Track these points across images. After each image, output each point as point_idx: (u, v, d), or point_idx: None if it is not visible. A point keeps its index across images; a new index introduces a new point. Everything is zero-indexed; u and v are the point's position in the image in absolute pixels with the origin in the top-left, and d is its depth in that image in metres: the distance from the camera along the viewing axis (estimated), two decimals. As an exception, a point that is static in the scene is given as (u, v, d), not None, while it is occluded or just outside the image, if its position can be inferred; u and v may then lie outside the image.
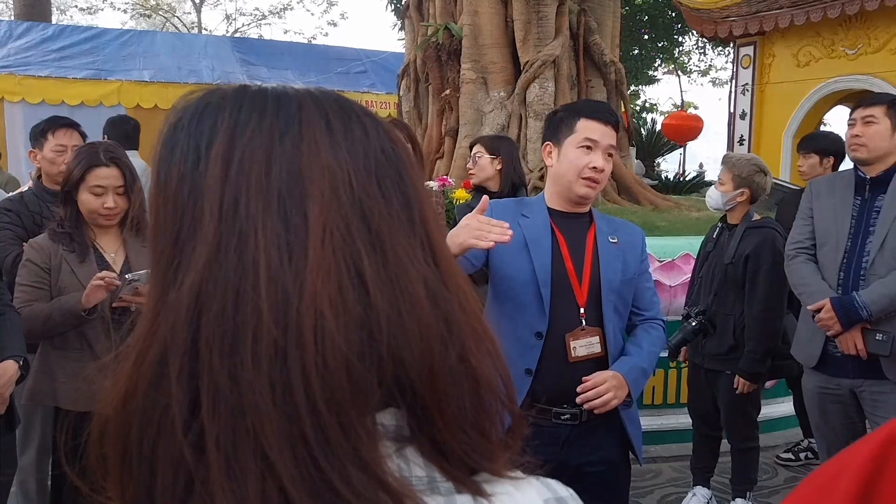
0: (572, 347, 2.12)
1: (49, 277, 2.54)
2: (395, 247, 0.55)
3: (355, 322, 0.52)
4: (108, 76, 12.09)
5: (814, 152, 4.23)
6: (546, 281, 2.16)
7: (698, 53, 22.77)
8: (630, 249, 2.26)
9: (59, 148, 3.22)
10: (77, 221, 2.58)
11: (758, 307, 3.35)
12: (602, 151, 2.18)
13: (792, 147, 9.03)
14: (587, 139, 2.17)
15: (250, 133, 0.54)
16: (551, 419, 2.16)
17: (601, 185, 2.21)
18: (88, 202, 2.53)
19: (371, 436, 0.52)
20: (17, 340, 2.34)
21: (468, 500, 0.55)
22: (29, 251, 2.58)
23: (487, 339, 0.59)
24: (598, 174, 2.17)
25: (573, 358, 2.12)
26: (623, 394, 2.11)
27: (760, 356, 3.35)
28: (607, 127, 2.19)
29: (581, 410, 2.15)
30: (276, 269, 0.51)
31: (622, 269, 2.21)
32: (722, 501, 3.75)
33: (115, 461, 0.52)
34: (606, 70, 7.23)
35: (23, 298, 2.50)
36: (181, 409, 0.49)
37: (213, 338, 0.50)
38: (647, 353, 2.24)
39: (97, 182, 2.50)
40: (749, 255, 3.38)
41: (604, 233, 2.24)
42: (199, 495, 0.48)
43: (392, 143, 0.59)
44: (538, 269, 2.16)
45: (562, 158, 2.21)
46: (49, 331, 2.48)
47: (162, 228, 0.55)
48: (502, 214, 2.27)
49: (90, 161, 2.52)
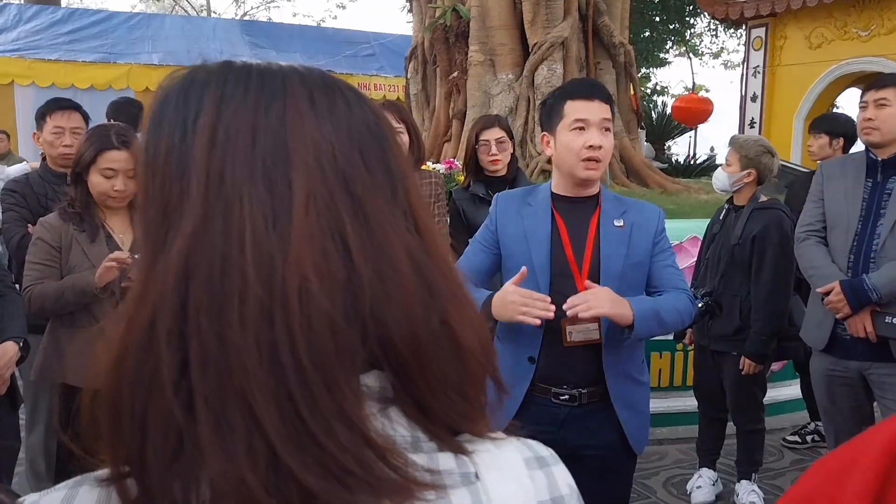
0: (568, 332, 2.09)
1: (60, 256, 2.57)
2: (378, 215, 0.57)
3: (338, 285, 0.54)
4: (118, 60, 12.12)
5: (824, 133, 4.19)
6: (544, 270, 2.14)
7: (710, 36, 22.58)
8: (640, 231, 2.19)
9: (57, 130, 3.22)
10: (87, 202, 2.61)
11: (764, 288, 3.34)
12: (596, 128, 2.12)
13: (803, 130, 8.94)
14: (577, 120, 2.12)
15: (235, 105, 0.56)
16: (550, 399, 2.16)
17: (604, 162, 2.15)
18: (99, 184, 2.56)
19: (355, 395, 0.54)
20: (18, 322, 2.37)
21: (450, 457, 0.58)
22: (39, 230, 2.60)
23: (469, 306, 0.61)
24: (597, 152, 2.12)
25: (568, 343, 2.10)
26: (620, 311, 2.01)
27: (766, 337, 3.34)
28: (594, 102, 2.14)
29: (580, 392, 2.14)
30: (262, 234, 0.52)
31: (627, 252, 2.15)
32: (728, 483, 3.75)
33: (107, 424, 0.53)
34: (615, 52, 7.18)
35: (34, 276, 2.53)
36: (171, 369, 0.51)
37: (200, 300, 0.51)
38: (665, 301, 2.13)
39: (108, 164, 2.53)
40: (756, 235, 3.36)
41: (609, 216, 2.19)
42: (188, 452, 0.50)
43: (376, 118, 0.61)
44: (535, 259, 2.14)
45: (558, 145, 2.18)
46: (60, 308, 2.51)
47: (151, 199, 0.57)
48: (507, 207, 2.28)
49: (102, 144, 2.55)
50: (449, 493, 0.56)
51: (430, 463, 0.57)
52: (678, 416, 4.40)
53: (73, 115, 3.29)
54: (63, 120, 3.24)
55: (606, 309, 2.00)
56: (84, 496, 0.55)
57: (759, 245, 3.36)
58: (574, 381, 2.15)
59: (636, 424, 2.22)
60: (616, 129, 6.98)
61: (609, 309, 2.00)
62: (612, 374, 2.16)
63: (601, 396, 2.16)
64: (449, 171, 5.28)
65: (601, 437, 2.18)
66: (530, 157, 6.63)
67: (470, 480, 0.58)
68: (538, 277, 2.12)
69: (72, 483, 0.56)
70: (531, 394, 2.17)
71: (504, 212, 2.27)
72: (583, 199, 2.22)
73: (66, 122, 3.25)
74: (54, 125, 3.23)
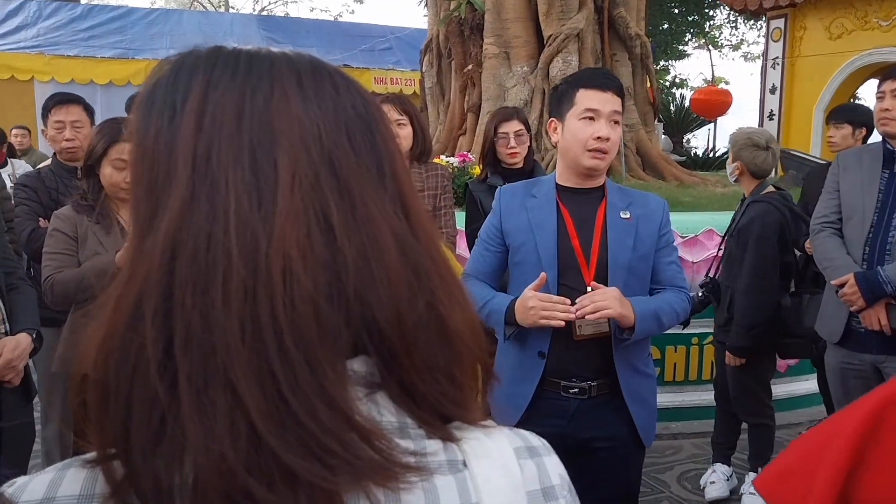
0: (577, 326, 2.08)
1: (76, 246, 2.59)
2: (364, 196, 0.57)
3: (322, 265, 0.54)
4: (136, 55, 12.21)
5: (847, 122, 4.12)
6: (551, 262, 2.12)
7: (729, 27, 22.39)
8: (645, 223, 2.18)
9: (58, 125, 3.24)
10: (99, 194, 2.62)
11: (743, 280, 3.34)
12: (605, 119, 2.10)
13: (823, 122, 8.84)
14: (587, 109, 2.11)
15: (223, 88, 0.57)
16: (560, 392, 2.15)
17: (610, 154, 2.14)
18: (111, 176, 2.58)
19: (340, 377, 0.54)
20: (31, 314, 2.39)
21: (437, 444, 0.58)
22: (55, 221, 2.63)
23: (457, 290, 0.61)
24: (604, 143, 2.10)
25: (578, 336, 2.08)
26: (624, 312, 2.02)
27: (744, 329, 3.32)
28: (607, 93, 2.12)
29: (589, 385, 2.13)
30: (246, 214, 0.53)
31: (633, 244, 2.14)
32: (742, 478, 3.73)
33: (95, 404, 0.54)
34: (632, 44, 7.13)
35: (53, 266, 2.55)
36: (155, 348, 0.51)
37: (185, 279, 0.52)
38: (663, 302, 2.15)
39: (119, 156, 2.55)
40: (741, 228, 3.38)
41: (615, 208, 2.17)
42: (171, 431, 0.50)
43: (364, 101, 0.61)
44: (541, 252, 2.13)
45: (566, 133, 2.16)
46: (82, 292, 2.51)
47: (140, 181, 0.57)
48: (511, 200, 2.26)
49: (113, 136, 2.56)
50: (434, 477, 0.56)
51: (416, 447, 0.56)
52: (693, 410, 4.37)
53: (73, 109, 3.29)
54: (62, 114, 3.25)
55: (614, 310, 2.01)
56: (71, 478, 0.55)
57: (743, 237, 3.37)
58: (583, 375, 2.14)
59: (645, 417, 2.21)
60: (632, 121, 6.95)
61: (616, 310, 2.01)
62: (622, 367, 2.15)
63: (610, 388, 2.15)
64: (463, 165, 5.28)
65: (610, 430, 2.17)
66: (546, 149, 6.61)
67: (457, 468, 0.58)
68: (546, 269, 2.10)
69: (60, 466, 0.57)
70: (541, 388, 2.16)
71: (508, 205, 2.26)
72: (588, 191, 2.21)
73: (66, 115, 3.26)
74: (55, 120, 3.24)
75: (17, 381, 2.25)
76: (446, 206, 3.33)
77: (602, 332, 2.10)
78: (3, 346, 2.20)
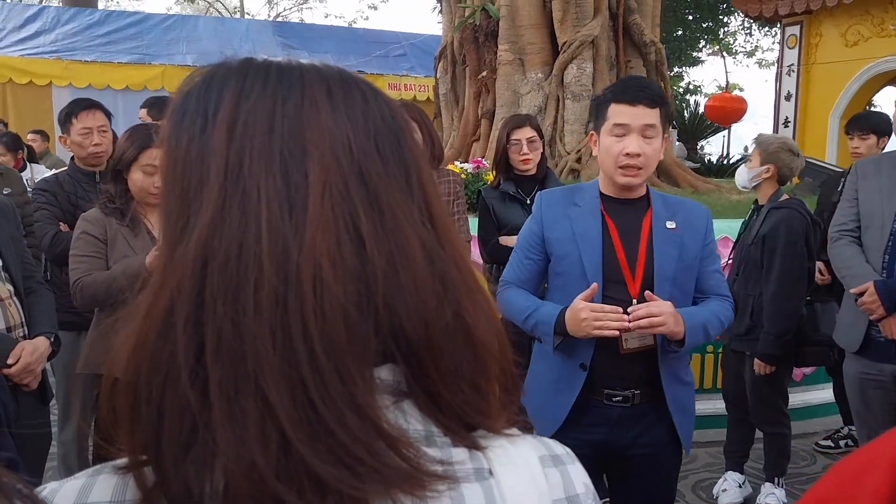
0: (624, 339, 2.04)
1: (105, 248, 2.60)
2: (392, 206, 0.57)
3: (352, 274, 0.54)
4: (153, 61, 12.32)
5: (872, 132, 4.07)
6: (597, 275, 2.08)
7: (744, 34, 22.27)
8: (690, 232, 2.14)
9: (85, 130, 3.27)
10: (127, 198, 2.65)
11: (772, 288, 3.29)
12: (637, 134, 2.05)
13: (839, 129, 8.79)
14: (616, 125, 2.07)
15: (254, 98, 0.57)
16: (602, 400, 2.13)
17: (645, 169, 2.09)
18: (140, 181, 2.60)
19: (368, 385, 0.54)
20: (49, 317, 2.41)
21: (463, 452, 0.58)
22: (83, 224, 2.64)
23: (483, 299, 0.61)
24: (635, 159, 2.06)
25: (625, 350, 2.05)
26: (677, 329, 2.00)
27: (774, 337, 3.28)
28: (637, 107, 2.06)
29: (633, 393, 2.11)
30: (277, 223, 0.53)
31: (679, 255, 2.10)
32: (757, 487, 3.69)
33: (126, 411, 0.54)
34: (646, 50, 7.11)
35: (82, 269, 2.56)
36: (187, 355, 0.52)
37: (217, 287, 0.52)
38: (710, 313, 2.12)
39: (150, 162, 2.57)
40: (766, 234, 3.33)
41: (661, 218, 2.13)
42: (202, 437, 0.51)
43: (392, 112, 0.62)
44: (587, 264, 2.09)
45: (601, 148, 2.14)
46: (112, 295, 2.50)
47: (172, 190, 0.58)
48: (552, 207, 2.22)
49: (144, 142, 2.60)
50: (461, 486, 0.56)
51: (443, 456, 0.57)
52: (708, 419, 4.33)
53: (98, 114, 3.33)
54: (90, 120, 3.29)
55: (668, 327, 1.99)
56: (102, 483, 0.56)
57: (770, 244, 3.32)
58: (626, 385, 2.12)
59: (686, 424, 2.20)
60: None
61: (670, 327, 1.99)
62: (667, 378, 2.12)
63: (651, 396, 2.13)
64: (477, 171, 5.28)
65: (651, 436, 2.15)
66: (559, 156, 6.60)
67: (483, 476, 0.58)
68: (590, 282, 2.06)
69: (91, 471, 0.58)
70: (583, 398, 2.14)
71: (550, 213, 2.21)
72: (632, 201, 2.17)
73: (93, 121, 3.30)
74: (82, 126, 3.27)
75: (34, 384, 2.27)
76: (459, 212, 3.33)
77: (648, 345, 2.07)
78: (22, 350, 2.21)
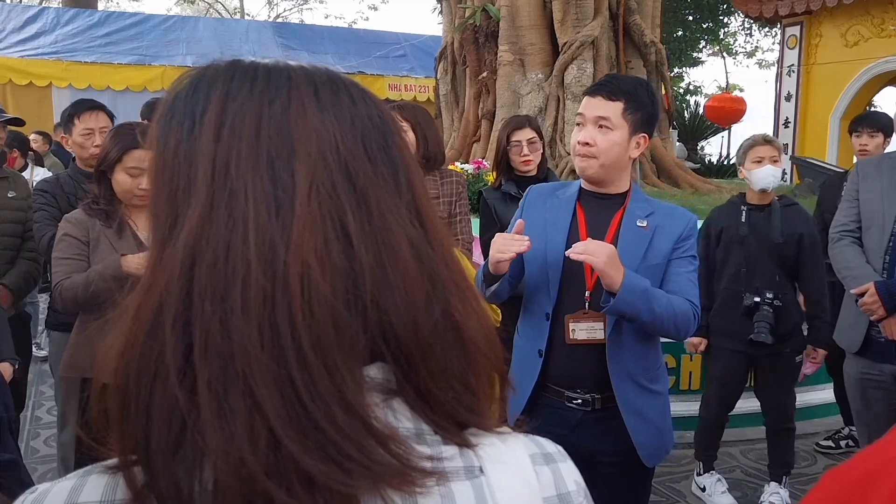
0: (571, 329, 2.06)
1: (88, 250, 2.56)
2: (380, 205, 0.58)
3: (340, 272, 0.55)
4: (152, 62, 12.33)
5: (881, 131, 4.07)
6: (556, 262, 2.09)
7: (744, 35, 22.30)
8: (662, 233, 2.11)
9: (87, 131, 3.26)
10: (111, 199, 2.61)
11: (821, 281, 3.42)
12: (591, 124, 2.09)
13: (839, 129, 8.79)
14: (578, 114, 2.16)
15: (241, 100, 0.58)
16: (564, 402, 2.12)
17: (596, 158, 2.09)
18: (124, 182, 2.56)
19: (357, 383, 0.54)
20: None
21: (454, 450, 0.58)
22: (66, 226, 2.60)
23: (472, 297, 0.62)
24: (585, 148, 2.09)
25: (570, 340, 2.06)
26: (611, 272, 1.90)
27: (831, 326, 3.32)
28: (595, 98, 2.10)
29: (593, 398, 2.10)
30: (264, 222, 0.54)
31: (644, 254, 2.08)
32: (755, 489, 3.69)
33: (115, 412, 0.54)
34: (646, 51, 7.11)
35: (63, 272, 2.52)
36: (176, 355, 0.52)
37: (205, 287, 0.53)
38: (661, 293, 2.02)
39: (134, 164, 2.53)
40: (802, 233, 3.39)
41: (633, 215, 2.13)
42: (191, 436, 0.51)
43: (380, 112, 0.62)
44: (549, 250, 2.11)
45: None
46: (91, 298, 2.46)
47: (160, 191, 0.58)
48: (535, 199, 2.27)
49: (127, 142, 2.55)
50: (451, 482, 0.56)
51: (433, 453, 0.57)
52: (708, 418, 4.33)
53: (101, 116, 3.33)
54: (92, 121, 3.28)
55: (600, 261, 1.89)
56: (93, 484, 0.56)
57: (809, 240, 3.39)
58: (586, 386, 2.11)
59: (645, 434, 2.12)
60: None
61: (602, 263, 1.89)
62: (617, 378, 2.08)
63: (615, 403, 2.10)
64: (477, 171, 5.28)
65: (614, 445, 2.12)
66: (560, 156, 6.60)
67: (474, 474, 0.58)
68: (549, 269, 2.10)
69: (82, 472, 0.58)
70: (543, 394, 2.14)
71: (532, 203, 2.27)
72: (609, 196, 2.19)
73: (95, 122, 3.29)
74: (84, 127, 3.27)
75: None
76: (462, 213, 3.32)
77: (596, 339, 2.07)
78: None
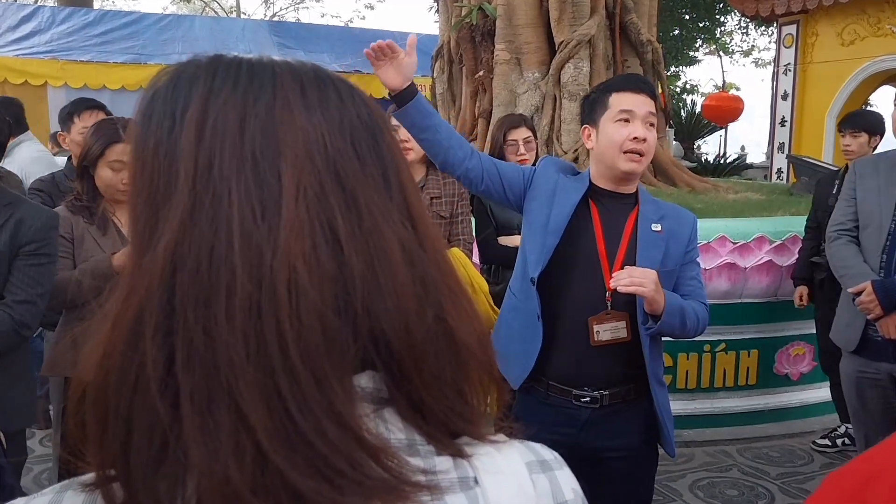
0: (595, 331, 2.04)
1: (72, 247, 2.53)
2: (370, 206, 0.55)
3: (329, 277, 0.52)
4: (148, 60, 12.26)
5: (864, 131, 4.10)
6: (557, 229, 2.07)
7: (741, 33, 22.28)
8: (675, 238, 2.13)
9: (85, 130, 3.25)
10: (94, 195, 2.58)
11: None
12: (641, 121, 2.07)
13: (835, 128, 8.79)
14: (622, 111, 2.08)
15: (224, 98, 0.55)
16: (571, 401, 2.11)
17: (646, 156, 2.09)
18: (107, 177, 2.53)
19: (347, 393, 0.52)
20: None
21: (448, 461, 0.56)
22: None
23: (466, 301, 0.59)
24: (641, 144, 2.06)
25: (595, 342, 2.04)
26: (657, 297, 1.93)
27: None
28: (641, 95, 2.09)
29: (601, 394, 2.10)
30: (250, 226, 0.51)
31: (662, 259, 2.09)
32: (753, 488, 3.70)
33: (93, 424, 0.52)
34: (643, 50, 7.10)
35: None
36: (156, 366, 0.49)
37: (187, 294, 0.50)
38: (689, 305, 2.07)
39: (116, 158, 2.50)
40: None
41: (647, 219, 2.12)
42: (173, 452, 0.48)
43: (369, 110, 0.60)
44: (553, 215, 2.08)
45: (601, 137, 2.13)
46: (80, 295, 2.44)
47: (139, 194, 0.55)
48: (550, 165, 2.24)
49: (110, 137, 2.52)
50: (445, 496, 0.54)
51: (426, 465, 0.55)
52: (705, 418, 4.34)
53: (100, 115, 3.34)
54: (91, 120, 3.28)
55: (649, 290, 1.91)
56: (69, 501, 0.53)
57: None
58: (596, 384, 2.10)
59: (669, 427, 2.17)
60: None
61: (651, 292, 1.92)
62: (651, 377, 2.10)
63: (623, 398, 2.12)
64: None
65: (623, 440, 2.13)
66: (556, 155, 6.59)
67: (468, 485, 0.56)
68: (548, 235, 2.08)
69: (59, 487, 0.55)
70: (548, 394, 2.13)
71: (546, 169, 2.22)
72: (620, 196, 2.17)
73: (93, 121, 3.28)
74: (83, 126, 3.26)
75: None
76: (463, 213, 3.32)
77: (620, 338, 2.06)
78: None
